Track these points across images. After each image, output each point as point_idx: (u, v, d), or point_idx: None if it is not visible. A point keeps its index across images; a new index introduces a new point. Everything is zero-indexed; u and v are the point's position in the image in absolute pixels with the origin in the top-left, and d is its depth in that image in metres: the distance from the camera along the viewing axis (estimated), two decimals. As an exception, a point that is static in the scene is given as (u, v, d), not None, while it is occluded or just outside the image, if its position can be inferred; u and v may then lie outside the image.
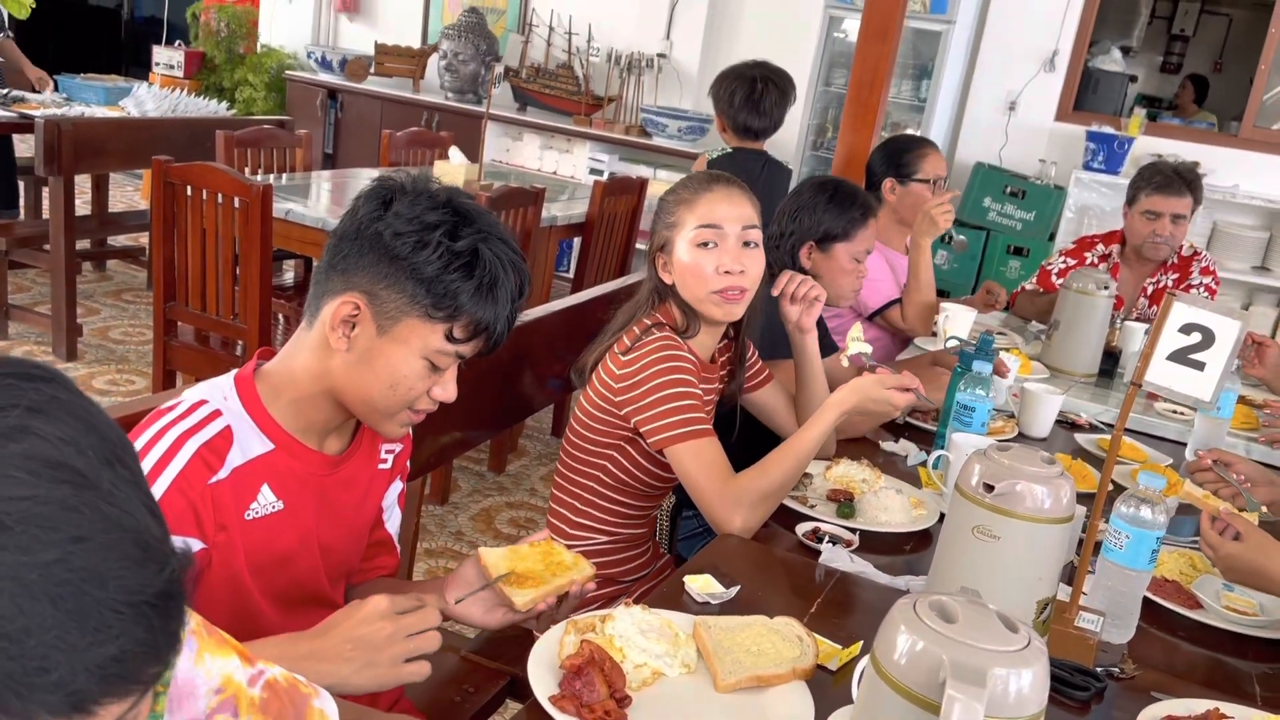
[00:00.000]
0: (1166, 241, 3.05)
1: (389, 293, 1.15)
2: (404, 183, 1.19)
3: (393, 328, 1.16)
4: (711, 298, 1.73)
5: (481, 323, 1.17)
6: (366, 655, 1.10)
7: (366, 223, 1.16)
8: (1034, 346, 2.99)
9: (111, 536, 0.52)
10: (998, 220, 5.51)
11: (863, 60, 3.41)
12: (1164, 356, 1.30)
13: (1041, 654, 0.84)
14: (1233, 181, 5.24)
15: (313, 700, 0.93)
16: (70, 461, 0.53)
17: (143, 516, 0.55)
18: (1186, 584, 1.63)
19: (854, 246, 2.31)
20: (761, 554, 1.60)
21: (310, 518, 1.25)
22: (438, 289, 1.14)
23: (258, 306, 3.02)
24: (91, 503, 0.52)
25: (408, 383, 1.18)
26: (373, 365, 1.17)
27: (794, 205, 2.35)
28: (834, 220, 2.30)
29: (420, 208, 1.15)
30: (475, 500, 3.44)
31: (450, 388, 1.21)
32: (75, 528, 0.51)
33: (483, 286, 1.15)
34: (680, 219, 1.75)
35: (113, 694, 0.52)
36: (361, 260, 1.16)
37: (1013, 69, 5.57)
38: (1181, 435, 2.43)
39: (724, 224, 1.72)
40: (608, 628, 1.23)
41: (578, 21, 6.30)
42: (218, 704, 0.84)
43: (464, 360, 1.22)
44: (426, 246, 1.13)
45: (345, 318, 1.16)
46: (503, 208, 3.39)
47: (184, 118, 4.61)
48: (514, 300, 1.19)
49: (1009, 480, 1.21)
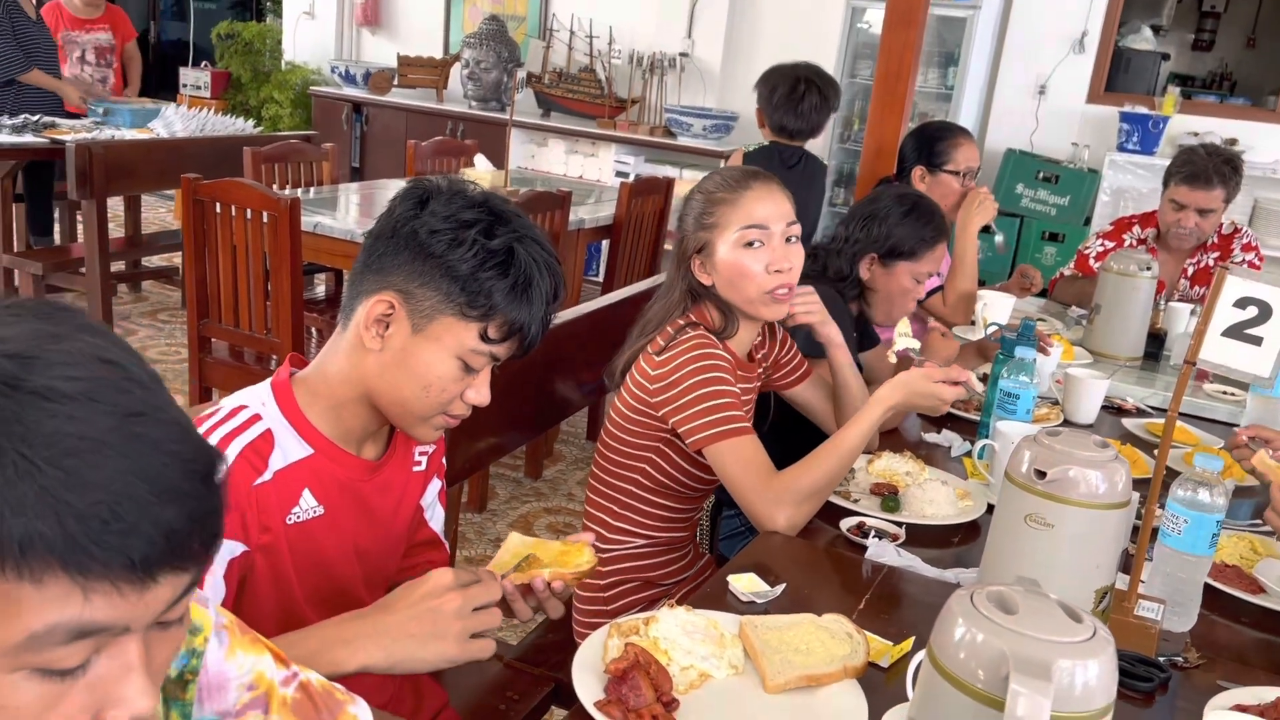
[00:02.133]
0: (1191, 233, 2.97)
1: (424, 291, 1.14)
2: (440, 183, 1.18)
3: (427, 326, 1.15)
4: (763, 298, 1.70)
5: (516, 323, 1.16)
6: (435, 628, 1.07)
7: (402, 221, 1.15)
8: (1075, 332, 2.92)
9: (163, 416, 0.58)
10: (1031, 206, 5.43)
11: (888, 50, 3.36)
12: (1219, 333, 1.25)
13: (1108, 644, 0.80)
14: (1273, 158, 5.13)
15: (347, 706, 0.91)
16: (121, 360, 0.59)
17: (181, 415, 0.61)
18: (1248, 568, 1.58)
19: (918, 267, 2.19)
20: (806, 551, 1.57)
21: (349, 523, 1.23)
22: (472, 287, 1.13)
23: (290, 320, 3.02)
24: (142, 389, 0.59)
25: (441, 383, 1.16)
26: (407, 365, 1.16)
27: (866, 211, 2.22)
28: (905, 235, 2.17)
29: (456, 206, 1.15)
30: (513, 507, 3.43)
31: (484, 391, 1.19)
32: (132, 404, 0.57)
33: (517, 286, 1.14)
34: (721, 219, 1.70)
35: (169, 564, 0.57)
36: (397, 259, 1.15)
37: (1041, 52, 5.49)
38: (1233, 416, 2.36)
39: (769, 223, 1.68)
40: (651, 630, 1.21)
41: (598, 24, 6.29)
42: (250, 700, 0.83)
43: (498, 362, 1.20)
44: (462, 245, 1.13)
45: (380, 316, 1.15)
46: (529, 212, 3.36)
47: (211, 136, 4.65)
48: (548, 302, 1.18)
49: (1061, 466, 1.17)
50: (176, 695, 0.79)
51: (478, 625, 1.10)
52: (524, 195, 3.45)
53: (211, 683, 0.81)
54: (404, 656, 1.07)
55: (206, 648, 0.81)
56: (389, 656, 1.06)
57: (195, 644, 0.80)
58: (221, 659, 0.82)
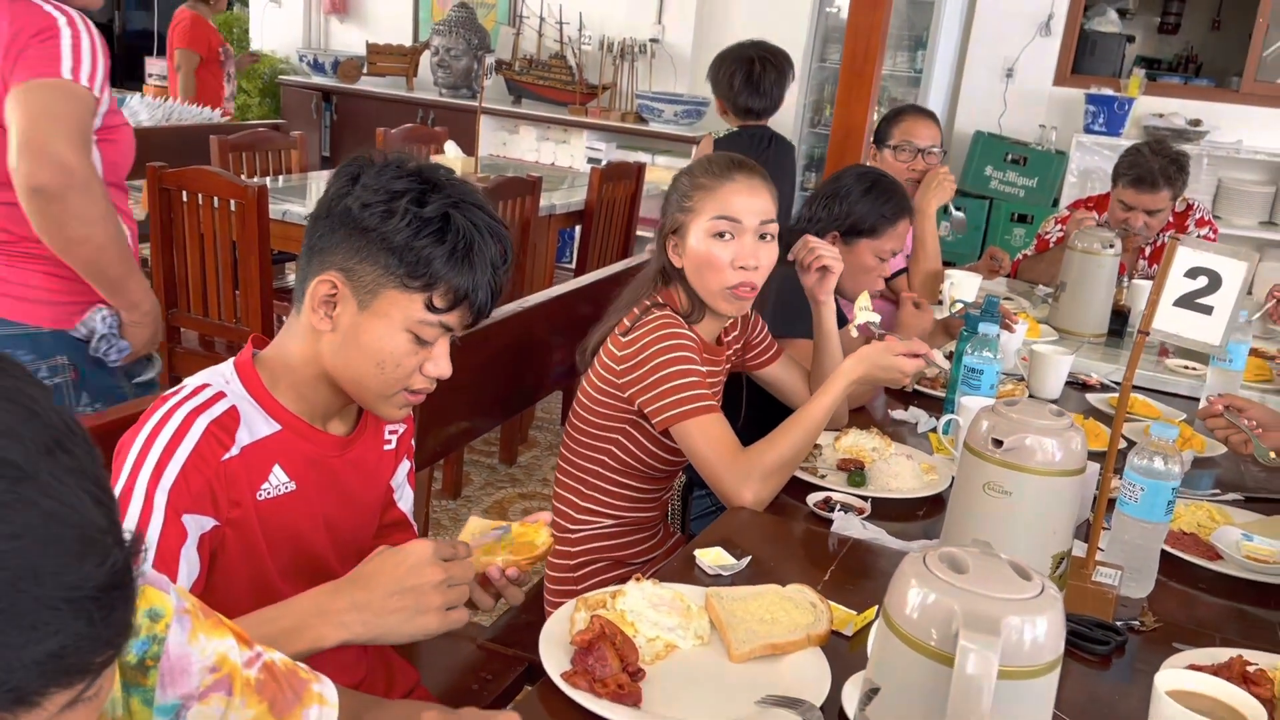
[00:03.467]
0: (1140, 232, 3.00)
1: (364, 266, 1.14)
2: (373, 157, 1.18)
3: (372, 302, 1.15)
4: (723, 292, 1.71)
5: (460, 289, 1.15)
6: (418, 603, 1.08)
7: (336, 199, 1.15)
8: (1041, 309, 2.96)
9: (49, 531, 0.51)
10: (1000, 188, 5.47)
11: (855, 32, 3.38)
12: (1170, 303, 1.28)
13: (1056, 601, 0.82)
14: (1236, 137, 5.19)
15: (312, 685, 0.92)
16: (5, 454, 0.51)
17: (85, 508, 0.53)
18: (1205, 536, 1.61)
19: (880, 244, 2.22)
20: (773, 525, 1.59)
21: (320, 499, 1.24)
22: (409, 257, 1.12)
23: (259, 308, 3.01)
24: (28, 497, 0.50)
25: (395, 359, 1.16)
26: (358, 343, 1.16)
27: (829, 190, 2.25)
28: (865, 213, 2.19)
29: (386, 177, 1.14)
30: (488, 493, 3.44)
31: (443, 363, 1.20)
32: (8, 524, 0.49)
33: (457, 251, 1.13)
34: (698, 205, 1.71)
35: (56, 685, 0.51)
36: (334, 237, 1.15)
37: (1008, 35, 5.52)
38: (1193, 390, 2.41)
39: (742, 217, 1.69)
40: (618, 603, 1.22)
41: (568, 11, 6.27)
42: (212, 682, 0.84)
43: (455, 335, 1.20)
44: (394, 215, 1.12)
45: (324, 297, 1.15)
46: (499, 198, 3.37)
47: (177, 125, 4.60)
48: (495, 267, 1.17)
49: (1018, 435, 1.19)
50: (138, 681, 0.80)
51: (456, 598, 1.11)
52: (494, 181, 3.44)
53: (174, 667, 0.82)
54: (385, 631, 1.08)
55: (168, 633, 0.81)
56: (369, 631, 1.07)
57: (156, 630, 0.80)
58: (184, 643, 0.82)
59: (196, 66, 5.28)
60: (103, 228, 1.74)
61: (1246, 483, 1.90)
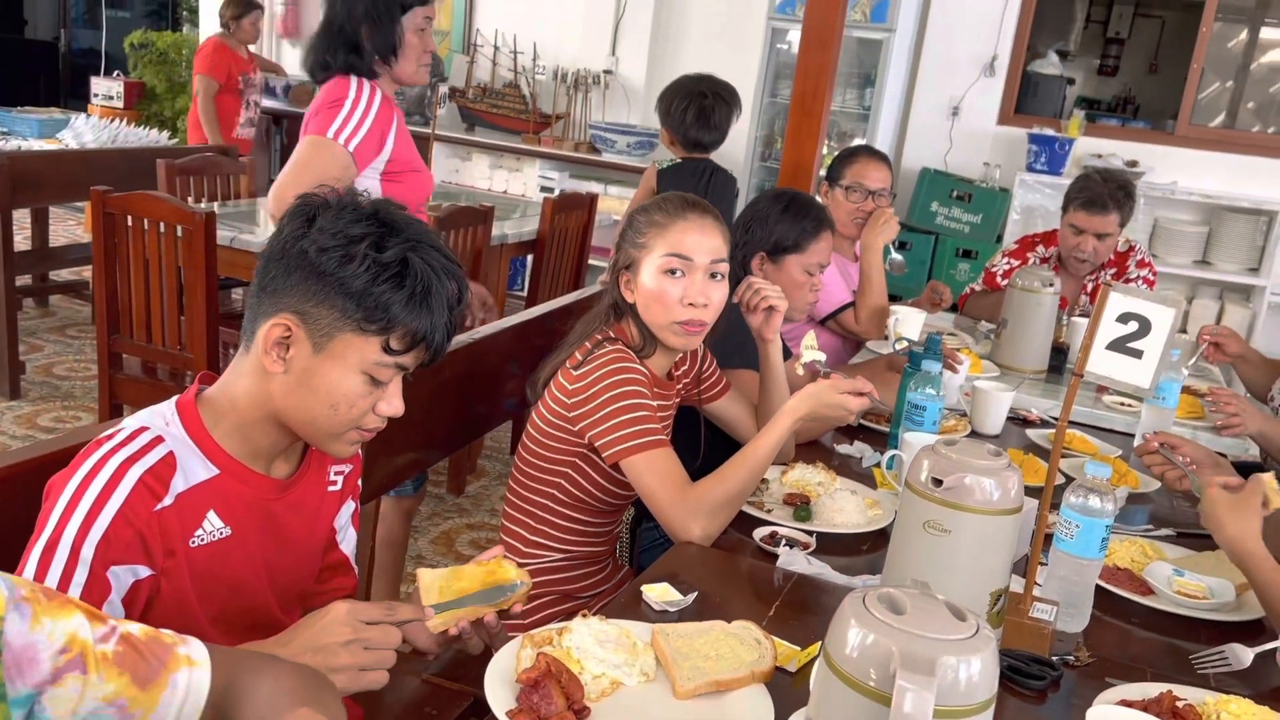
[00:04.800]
0: (1088, 258, 3.09)
1: (320, 310, 1.13)
2: (328, 198, 1.17)
3: (328, 345, 1.14)
4: (673, 327, 1.74)
5: (419, 332, 1.15)
6: (325, 661, 1.08)
7: (291, 241, 1.15)
8: (984, 346, 3.02)
9: None
10: (945, 224, 5.58)
11: (805, 71, 3.44)
12: (1103, 346, 1.32)
13: (990, 641, 0.84)
14: (1171, 178, 5.35)
15: (177, 648, 0.90)
16: None
17: None
18: (1138, 571, 1.65)
19: (806, 259, 2.30)
20: (719, 560, 1.60)
21: (258, 543, 1.23)
22: (368, 302, 1.12)
23: (204, 335, 2.97)
24: None
25: (349, 400, 1.16)
26: (311, 385, 1.15)
27: (749, 215, 2.34)
28: (786, 231, 2.28)
29: (344, 221, 1.14)
30: (435, 523, 3.41)
31: (396, 402, 1.20)
32: None
33: (415, 295, 1.14)
34: (650, 242, 1.74)
35: None
36: (289, 280, 1.14)
37: (954, 75, 5.66)
38: (1130, 427, 2.47)
39: (694, 255, 1.72)
40: (565, 640, 1.22)
41: (523, 40, 6.30)
42: (65, 663, 0.82)
43: (408, 373, 1.20)
44: (352, 260, 1.12)
45: (278, 339, 1.15)
46: (451, 227, 3.37)
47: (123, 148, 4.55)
48: (451, 308, 1.18)
49: (957, 474, 1.22)
50: None
51: (371, 661, 1.11)
52: (447, 210, 3.45)
53: (19, 657, 0.79)
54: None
55: (5, 624, 0.79)
56: None
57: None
58: (25, 631, 0.80)
59: (215, 93, 5.27)
60: None
61: (1178, 519, 1.95)
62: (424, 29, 2.33)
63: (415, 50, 2.32)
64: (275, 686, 0.93)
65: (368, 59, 2.27)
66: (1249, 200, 5.18)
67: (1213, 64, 6.34)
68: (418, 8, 2.29)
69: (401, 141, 2.31)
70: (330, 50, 2.28)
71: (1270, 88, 6.85)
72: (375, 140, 2.24)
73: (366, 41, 2.27)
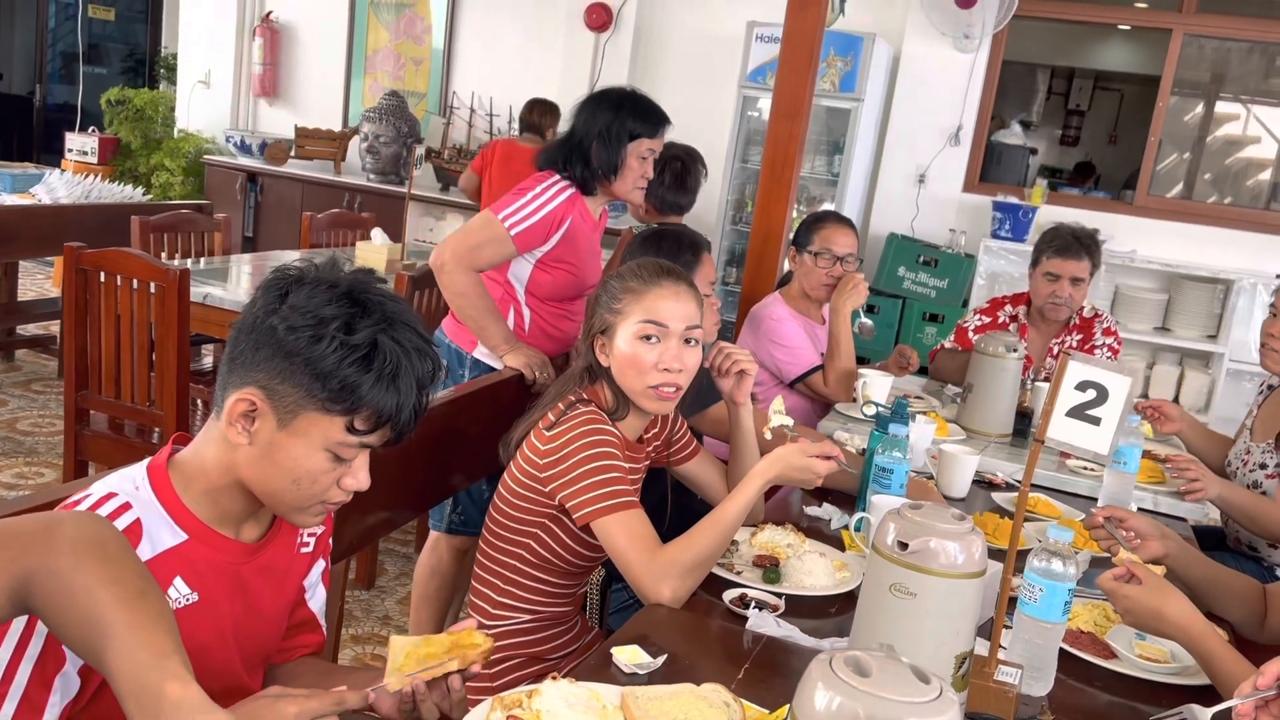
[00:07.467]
0: (1065, 303, 3.19)
1: (285, 387, 1.13)
2: (304, 272, 1.17)
3: (292, 421, 1.14)
4: (648, 392, 1.77)
5: (384, 412, 1.15)
6: None
7: (262, 316, 1.15)
8: (950, 409, 3.07)
9: None
10: (912, 289, 5.68)
11: (775, 138, 3.51)
12: (1063, 413, 1.35)
13: (953, 703, 0.86)
14: (1130, 247, 5.49)
15: None
16: None
17: None
18: (1101, 635, 1.68)
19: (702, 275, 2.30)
20: (689, 622, 1.61)
21: (226, 607, 1.22)
22: (334, 383, 1.12)
23: (175, 392, 2.96)
24: None
25: (311, 476, 1.16)
26: (275, 460, 1.15)
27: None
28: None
29: (317, 301, 1.13)
30: (402, 584, 3.38)
31: (362, 476, 1.20)
32: None
33: (383, 377, 1.14)
34: (626, 308, 1.77)
35: None
36: (257, 355, 1.14)
37: (920, 143, 5.80)
38: (1093, 490, 2.51)
39: (669, 322, 1.76)
40: (534, 703, 1.22)
41: (498, 103, 6.41)
42: None
43: (374, 448, 1.21)
44: (321, 340, 1.12)
45: (244, 413, 1.15)
46: (425, 286, 3.39)
47: (97, 204, 4.56)
48: (422, 387, 1.18)
49: (922, 538, 1.24)
50: None
51: None
52: (420, 270, 3.47)
53: None
54: None
55: None
56: None
57: None
58: None
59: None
60: (456, 303, 2.57)
61: (1140, 582, 1.98)
62: (646, 158, 2.64)
63: (634, 173, 2.63)
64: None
65: (593, 172, 2.60)
66: (1206, 269, 5.32)
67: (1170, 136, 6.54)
68: (645, 139, 2.61)
69: (567, 243, 2.60)
70: (564, 155, 2.62)
71: (1225, 159, 7.07)
72: (541, 232, 2.55)
73: (594, 156, 2.59)
